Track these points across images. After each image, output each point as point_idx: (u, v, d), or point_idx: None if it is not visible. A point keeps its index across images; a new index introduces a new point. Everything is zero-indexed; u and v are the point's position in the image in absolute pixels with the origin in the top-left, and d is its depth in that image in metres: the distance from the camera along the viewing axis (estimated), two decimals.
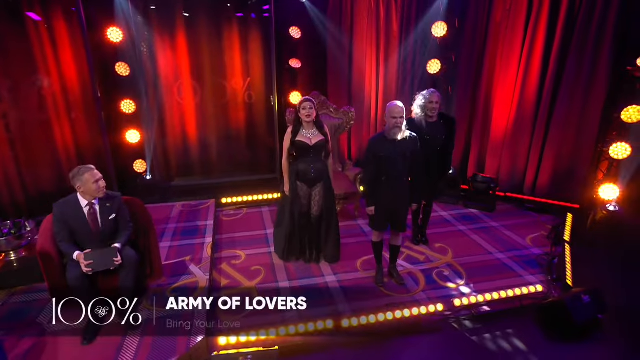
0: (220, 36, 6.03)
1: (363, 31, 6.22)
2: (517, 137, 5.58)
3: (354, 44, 6.31)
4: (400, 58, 6.10)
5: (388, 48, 6.16)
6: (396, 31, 6.04)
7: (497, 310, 3.52)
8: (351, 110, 5.24)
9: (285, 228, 4.11)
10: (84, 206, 3.09)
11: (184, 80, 6.09)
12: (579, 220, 4.93)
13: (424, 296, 3.72)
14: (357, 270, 4.11)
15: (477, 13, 5.43)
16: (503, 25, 5.33)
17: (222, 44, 6.07)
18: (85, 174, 3.00)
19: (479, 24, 5.48)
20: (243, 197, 5.70)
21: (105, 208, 3.13)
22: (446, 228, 5.05)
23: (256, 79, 6.31)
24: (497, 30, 5.39)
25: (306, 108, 3.79)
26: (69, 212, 3.07)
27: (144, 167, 6.05)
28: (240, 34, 6.07)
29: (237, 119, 6.42)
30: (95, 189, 3.04)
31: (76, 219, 3.07)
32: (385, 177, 3.49)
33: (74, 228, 3.07)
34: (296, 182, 3.97)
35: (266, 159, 6.67)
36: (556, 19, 4.98)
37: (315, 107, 3.84)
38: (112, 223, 3.17)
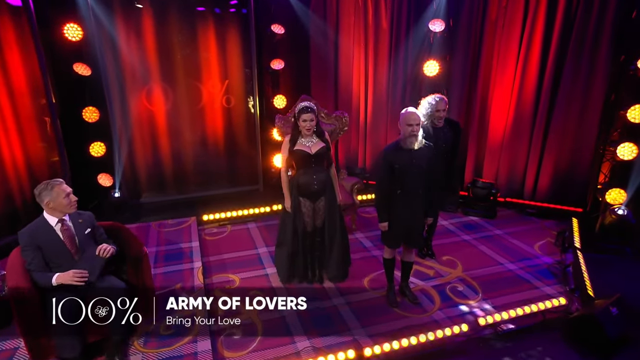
0: (194, 34, 5.77)
1: (350, 28, 6.16)
2: (515, 139, 5.66)
3: (340, 43, 6.23)
4: (391, 58, 6.06)
5: (377, 47, 6.12)
6: (386, 29, 6.01)
7: (522, 327, 3.48)
8: (344, 115, 5.13)
9: (287, 248, 3.92)
10: (55, 224, 2.91)
11: (154, 83, 5.78)
12: (585, 224, 5.04)
13: (442, 315, 3.63)
14: (366, 290, 3.98)
15: (472, 10, 5.49)
16: (499, 24, 5.40)
17: (196, 43, 5.81)
18: (55, 187, 2.89)
19: (473, 22, 5.54)
20: (226, 212, 5.43)
21: (78, 223, 3.00)
22: (450, 238, 5.02)
23: (235, 81, 6.09)
24: (493, 28, 5.47)
25: (307, 120, 3.62)
26: (40, 235, 2.84)
27: (109, 182, 5.65)
28: (217, 31, 5.83)
29: (215, 125, 6.16)
30: (67, 204, 2.92)
31: (49, 241, 2.85)
32: (400, 190, 3.39)
33: (49, 253, 2.83)
34: (298, 197, 3.79)
35: (247, 169, 6.45)
36: (554, 16, 5.10)
37: (316, 115, 3.69)
38: (89, 239, 3.01)
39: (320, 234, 3.93)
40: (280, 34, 5.85)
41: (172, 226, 5.21)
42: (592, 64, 5.06)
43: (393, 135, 6.35)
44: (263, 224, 5.38)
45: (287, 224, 3.90)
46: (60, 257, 2.85)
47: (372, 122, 6.45)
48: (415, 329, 3.37)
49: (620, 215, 4.59)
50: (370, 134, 6.51)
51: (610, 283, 4.04)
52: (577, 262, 4.20)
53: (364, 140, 6.60)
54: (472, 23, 5.53)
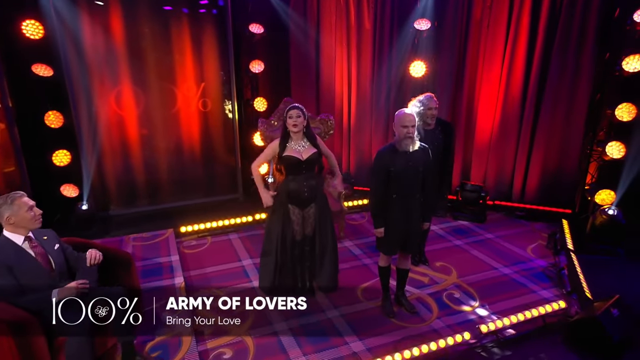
0: (167, 34, 5.64)
1: (332, 29, 6.17)
2: (503, 141, 5.78)
3: (322, 43, 6.22)
4: (374, 59, 6.10)
5: (361, 48, 6.15)
6: (369, 29, 6.05)
7: (523, 333, 3.51)
8: (330, 118, 5.10)
9: (273, 258, 3.82)
10: (22, 243, 2.73)
11: (124, 86, 5.60)
12: (575, 226, 5.17)
13: (441, 324, 3.62)
14: (360, 300, 3.93)
15: (457, 10, 5.59)
16: (484, 23, 5.52)
17: (169, 43, 5.68)
18: (16, 200, 2.72)
19: (458, 22, 5.64)
20: (205, 223, 5.29)
21: (44, 240, 2.84)
22: (442, 244, 5.05)
23: (212, 83, 5.98)
24: (478, 28, 5.58)
25: (293, 116, 3.57)
26: (10, 256, 2.64)
27: (75, 194, 5.41)
28: (192, 31, 5.72)
29: (190, 130, 6.02)
30: (30, 218, 2.75)
31: (22, 262, 2.66)
32: (396, 195, 3.37)
33: (23, 275, 2.63)
34: (287, 205, 3.72)
35: (226, 176, 6.33)
36: (538, 15, 5.25)
37: (304, 115, 3.64)
38: (61, 254, 2.86)
39: (310, 243, 3.85)
40: (259, 33, 5.79)
41: (148, 239, 5.02)
42: (577, 63, 5.23)
43: (378, 138, 6.38)
44: (245, 235, 5.27)
45: (273, 232, 3.80)
46: (37, 278, 2.67)
47: (356, 125, 6.45)
48: (416, 340, 3.34)
49: (611, 215, 4.73)
50: (354, 138, 6.51)
51: (605, 284, 4.12)
52: (572, 265, 4.29)
53: (348, 144, 6.59)
54: (457, 23, 5.63)
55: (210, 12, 5.76)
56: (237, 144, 6.17)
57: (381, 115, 6.28)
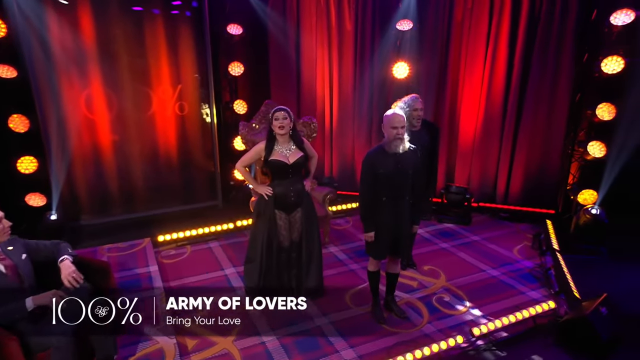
0: (141, 34, 5.54)
1: (312, 30, 6.17)
2: (486, 142, 5.90)
3: (302, 45, 6.22)
4: (356, 61, 6.14)
5: (342, 49, 6.18)
6: (350, 30, 6.08)
7: (515, 335, 3.56)
8: (313, 120, 5.10)
9: (257, 265, 3.77)
10: None
11: (95, 88, 5.46)
12: (558, 226, 5.30)
13: (432, 328, 3.64)
14: (349, 307, 3.91)
15: (438, 11, 5.69)
16: (466, 24, 5.64)
17: (143, 44, 5.57)
18: None
19: (440, 23, 5.74)
20: (184, 232, 5.18)
21: (10, 252, 2.77)
22: (428, 247, 5.10)
23: (189, 86, 5.90)
24: (460, 29, 5.69)
25: (279, 118, 3.57)
26: None
27: (42, 203, 5.22)
28: (167, 31, 5.64)
29: (167, 135, 5.91)
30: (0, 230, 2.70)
31: None
32: (385, 198, 3.37)
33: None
34: (273, 210, 3.68)
35: (205, 182, 6.24)
36: (518, 17, 5.39)
37: (290, 117, 3.62)
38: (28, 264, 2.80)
39: (297, 249, 3.83)
40: (238, 34, 5.75)
41: (124, 250, 4.87)
42: (557, 64, 5.40)
43: (361, 142, 6.41)
44: (227, 242, 5.19)
45: (258, 238, 3.77)
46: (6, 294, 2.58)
47: (339, 128, 6.47)
48: (408, 345, 3.34)
49: (594, 214, 4.88)
50: (336, 141, 6.52)
51: (591, 284, 4.24)
52: (558, 265, 4.39)
53: (330, 148, 6.60)
54: (439, 24, 5.73)
55: (183, 13, 5.68)
56: (215, 148, 6.09)
57: (364, 118, 6.32)
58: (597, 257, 4.86)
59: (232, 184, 6.42)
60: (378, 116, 6.19)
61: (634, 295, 4.12)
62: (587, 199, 5.11)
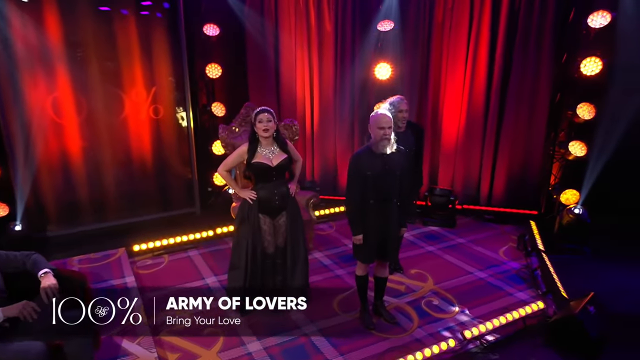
0: (112, 34, 5.41)
1: (291, 31, 6.18)
2: (469, 143, 6.00)
3: (281, 46, 6.21)
4: (337, 62, 6.17)
5: (322, 50, 6.19)
6: (330, 31, 6.11)
7: (505, 336, 3.62)
8: (294, 123, 5.08)
9: (242, 272, 3.72)
10: None
11: (62, 91, 5.31)
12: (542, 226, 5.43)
13: (423, 333, 3.66)
14: (337, 314, 3.90)
15: (419, 11, 5.78)
16: (446, 25, 5.75)
17: (115, 44, 5.45)
18: None
19: (420, 24, 5.83)
20: (162, 240, 5.07)
21: None
22: (414, 251, 5.13)
23: (164, 88, 5.81)
24: (440, 30, 5.80)
25: (263, 121, 3.55)
26: None
27: (4, 213, 5.04)
28: (140, 31, 5.54)
29: (141, 139, 5.79)
30: None
31: None
32: (373, 200, 3.38)
33: None
34: (257, 215, 3.65)
35: (181, 189, 6.14)
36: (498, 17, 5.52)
37: (274, 119, 3.61)
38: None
39: (282, 255, 3.80)
40: (214, 35, 5.69)
41: (97, 260, 4.73)
42: (537, 65, 5.54)
43: (342, 144, 6.43)
44: (207, 251, 5.10)
45: (242, 244, 3.72)
46: None
47: (320, 131, 6.47)
48: (400, 351, 3.35)
49: (577, 214, 5.02)
50: (317, 144, 6.52)
51: (576, 283, 4.36)
52: (545, 265, 4.49)
53: (312, 152, 6.59)
54: (420, 25, 5.82)
55: (154, 14, 5.60)
56: (192, 153, 6.00)
57: (345, 120, 6.34)
58: (581, 257, 5.00)
59: (210, 190, 6.34)
60: (360, 118, 6.24)
61: (618, 294, 4.25)
62: (570, 198, 5.25)
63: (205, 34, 5.68)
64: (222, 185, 6.03)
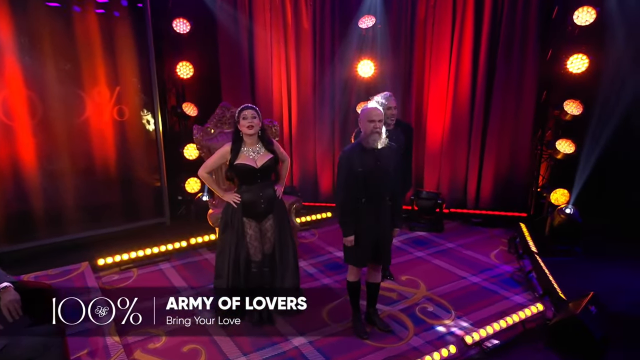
0: (71, 28, 5.21)
1: (267, 28, 6.15)
2: (454, 145, 6.08)
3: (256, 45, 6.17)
4: (316, 61, 6.16)
5: (300, 49, 6.18)
6: (308, 29, 6.11)
7: (505, 341, 3.62)
8: (274, 123, 5.02)
9: (225, 280, 3.60)
10: None
11: (13, 89, 5.06)
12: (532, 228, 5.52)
13: (420, 340, 3.61)
14: (327, 324, 3.81)
15: (401, 9, 5.85)
16: (429, 22, 5.84)
17: (74, 39, 5.24)
18: None
19: (402, 21, 5.90)
20: (129, 253, 4.87)
21: None
22: (403, 257, 5.12)
23: (129, 88, 5.63)
24: (423, 27, 5.88)
25: (247, 117, 3.48)
26: None
27: None
28: (102, 23, 5.36)
29: (104, 143, 5.57)
30: None
31: None
32: (365, 199, 3.35)
33: None
34: (242, 219, 3.55)
35: (149, 197, 5.94)
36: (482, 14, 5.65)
37: (259, 116, 3.54)
38: None
39: (270, 263, 3.71)
40: (185, 31, 5.59)
41: (57, 277, 4.49)
42: (522, 62, 5.68)
43: (322, 147, 6.41)
44: (180, 263, 4.94)
45: (226, 251, 3.61)
46: None
47: (298, 134, 6.43)
48: None
49: (569, 214, 5.13)
50: (296, 147, 6.47)
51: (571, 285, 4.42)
52: (539, 267, 4.55)
53: (290, 155, 6.50)
54: (402, 23, 5.89)
55: (111, 13, 5.44)
56: (162, 158, 5.82)
57: (326, 121, 6.32)
58: (573, 258, 5.09)
59: (180, 198, 6.18)
60: (341, 120, 6.25)
61: (614, 293, 4.33)
62: (559, 198, 5.37)
63: (175, 29, 5.56)
64: (195, 192, 5.88)
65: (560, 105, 5.32)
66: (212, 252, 5.14)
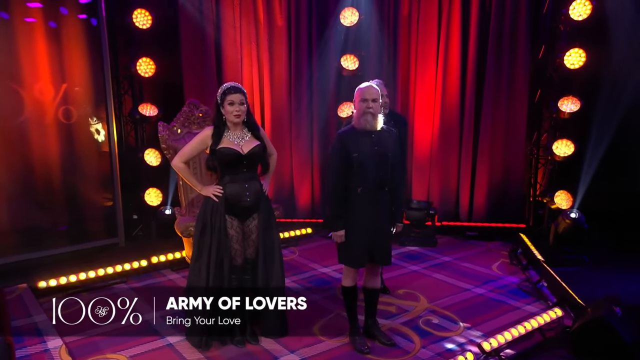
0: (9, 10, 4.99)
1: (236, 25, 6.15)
2: (445, 152, 6.11)
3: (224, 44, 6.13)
4: (291, 61, 6.16)
5: (273, 48, 6.18)
6: (282, 27, 6.13)
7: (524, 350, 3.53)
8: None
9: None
10: None
11: None
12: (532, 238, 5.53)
13: (429, 353, 3.49)
14: (320, 340, 3.64)
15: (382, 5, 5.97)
16: (414, 18, 5.97)
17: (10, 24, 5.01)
18: None
19: (385, 17, 6.01)
20: (78, 274, 4.56)
21: None
22: (397, 271, 5.03)
23: (78, 85, 5.43)
24: (407, 24, 6.01)
25: (235, 103, 3.34)
26: None
27: None
28: (45, 14, 5.17)
29: (46, 150, 5.31)
30: None
31: None
32: (361, 188, 3.28)
33: None
34: (223, 216, 3.37)
35: (99, 214, 5.65)
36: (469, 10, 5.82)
37: (246, 101, 3.43)
38: None
39: (252, 269, 3.53)
40: (144, 25, 5.48)
41: None
42: (512, 61, 5.84)
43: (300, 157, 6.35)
44: (141, 284, 4.67)
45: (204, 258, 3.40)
46: None
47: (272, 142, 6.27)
48: None
49: (574, 219, 5.19)
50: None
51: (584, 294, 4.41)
52: (549, 275, 4.53)
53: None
54: (384, 18, 5.99)
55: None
56: (115, 168, 5.57)
57: (303, 130, 6.27)
58: (580, 268, 5.12)
59: (136, 217, 5.91)
60: (320, 128, 6.22)
61: None
62: (562, 204, 5.45)
63: (134, 22, 5.45)
64: (157, 205, 5.64)
65: (556, 104, 5.46)
66: (177, 272, 4.93)
